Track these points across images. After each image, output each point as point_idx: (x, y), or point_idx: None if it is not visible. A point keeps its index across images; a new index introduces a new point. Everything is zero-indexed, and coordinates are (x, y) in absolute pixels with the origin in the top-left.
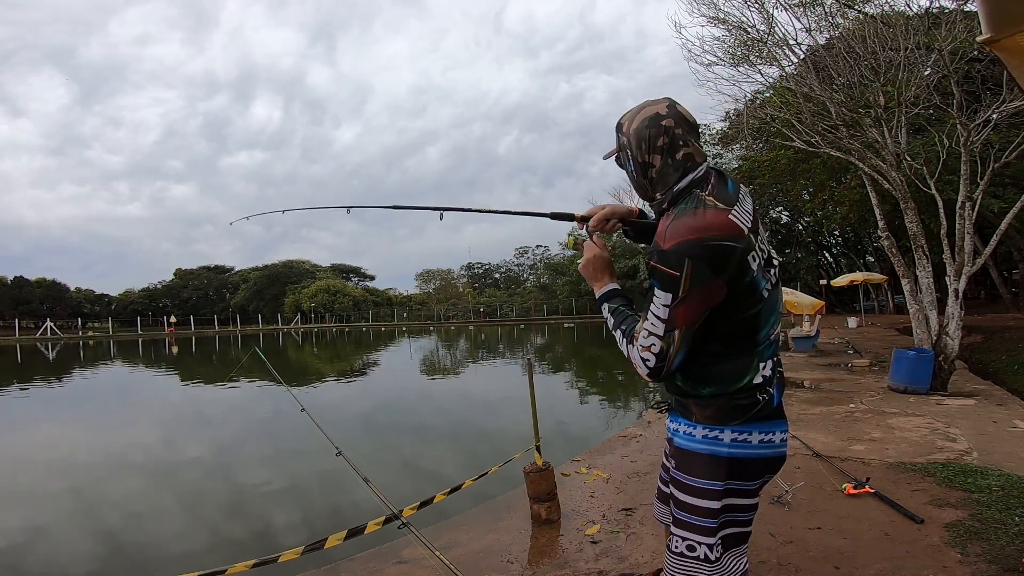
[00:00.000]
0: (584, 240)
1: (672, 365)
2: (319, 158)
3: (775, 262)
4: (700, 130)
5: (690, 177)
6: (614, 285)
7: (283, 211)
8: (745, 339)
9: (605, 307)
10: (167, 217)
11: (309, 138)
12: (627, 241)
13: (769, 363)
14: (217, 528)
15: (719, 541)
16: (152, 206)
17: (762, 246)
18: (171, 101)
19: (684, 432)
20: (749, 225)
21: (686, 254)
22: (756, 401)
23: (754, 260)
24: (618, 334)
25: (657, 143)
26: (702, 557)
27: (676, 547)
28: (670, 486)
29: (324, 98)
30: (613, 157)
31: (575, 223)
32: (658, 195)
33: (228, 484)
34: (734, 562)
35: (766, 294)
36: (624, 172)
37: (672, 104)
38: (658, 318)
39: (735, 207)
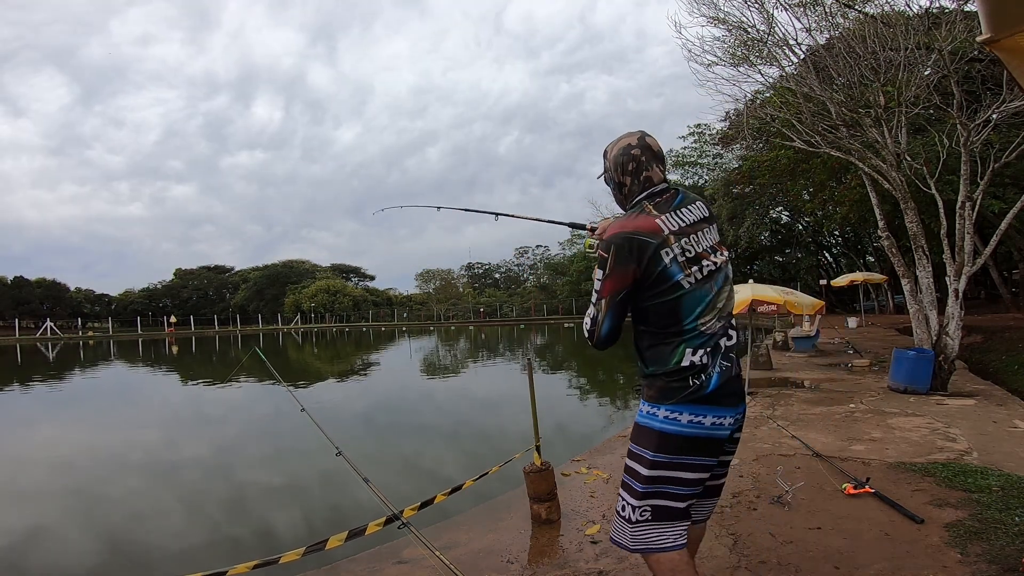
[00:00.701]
0: (594, 244)
1: (602, 330)
2: (319, 158)
3: (707, 264)
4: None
5: (646, 192)
6: None
7: (439, 207)
8: (670, 324)
9: None
10: (167, 217)
11: (309, 138)
12: None
13: (701, 351)
14: (218, 528)
15: (647, 507)
16: (152, 206)
17: (687, 247)
18: (172, 101)
19: (639, 409)
20: (674, 229)
21: (612, 241)
22: (687, 384)
23: (667, 255)
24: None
25: (628, 167)
26: (626, 517)
27: (617, 505)
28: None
29: (325, 98)
30: (603, 177)
31: (588, 232)
32: (627, 207)
33: (229, 484)
34: (656, 533)
35: (687, 286)
36: (608, 189)
37: (642, 136)
38: (595, 291)
39: (666, 214)
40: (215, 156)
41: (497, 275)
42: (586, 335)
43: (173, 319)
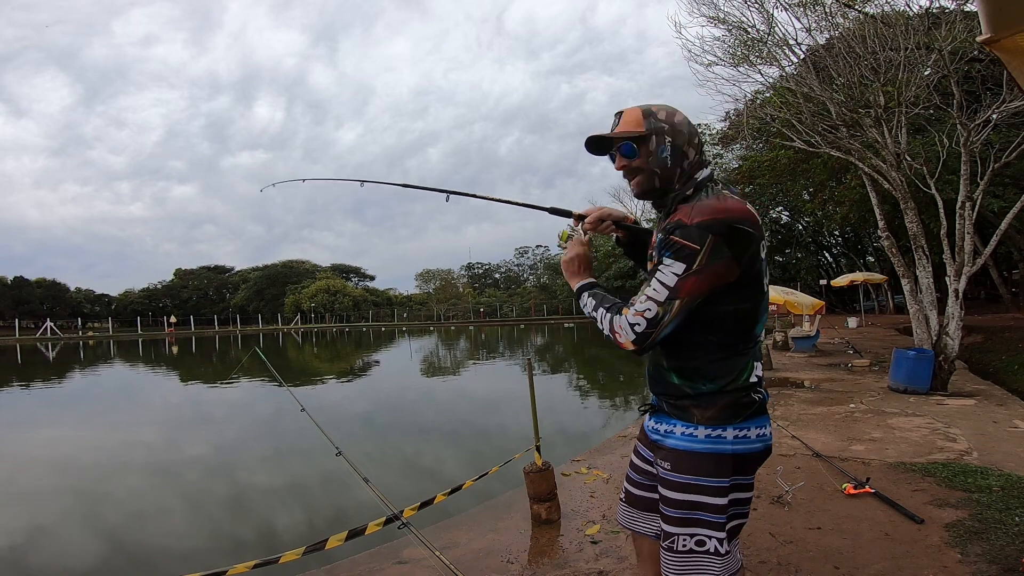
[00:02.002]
0: (575, 234)
1: (660, 334)
2: (320, 158)
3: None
4: (700, 131)
5: (707, 172)
6: (594, 279)
7: (303, 180)
8: (745, 332)
9: (585, 295)
10: (169, 217)
11: (311, 139)
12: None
13: (759, 364)
14: (219, 527)
15: (726, 534)
16: (154, 206)
17: (765, 242)
18: (174, 102)
19: (683, 434)
20: (759, 219)
21: (710, 230)
22: (754, 400)
23: (763, 249)
24: (601, 311)
25: (695, 140)
26: (712, 551)
27: (683, 545)
28: (664, 488)
29: (326, 99)
30: (618, 144)
31: (571, 221)
32: (678, 185)
33: (229, 484)
34: (736, 551)
35: (766, 288)
36: (623, 159)
37: None
38: (663, 284)
39: (747, 202)
40: (217, 156)
41: (497, 275)
42: (629, 336)
43: (173, 319)
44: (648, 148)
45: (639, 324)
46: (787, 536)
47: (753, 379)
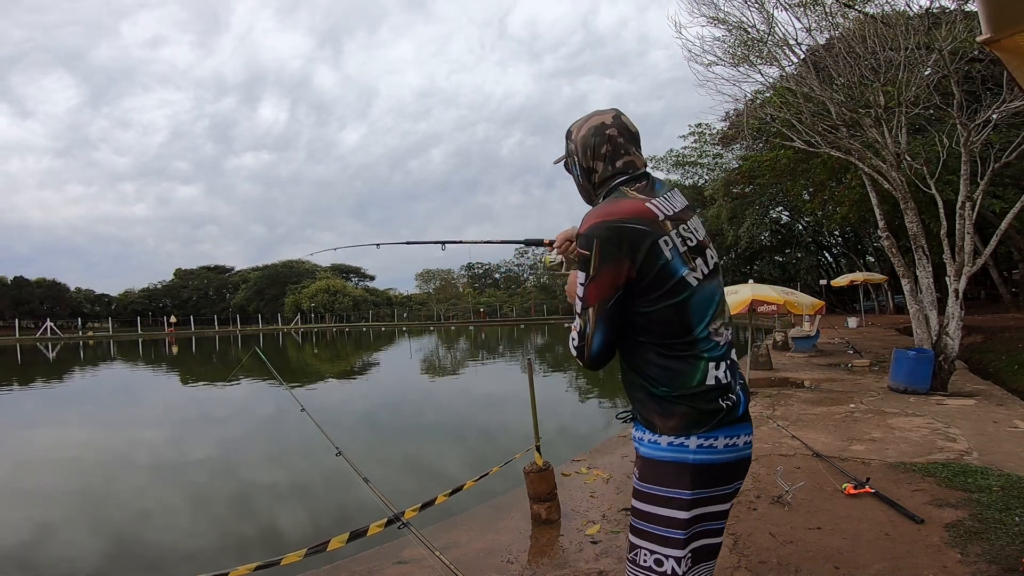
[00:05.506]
0: (555, 261)
1: (592, 345)
2: (324, 159)
3: (710, 254)
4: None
5: (624, 178)
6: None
7: (378, 245)
8: (680, 333)
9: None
10: (172, 218)
11: (314, 140)
12: None
13: (723, 365)
14: (219, 527)
15: (689, 554)
16: (158, 207)
17: (686, 234)
18: (179, 103)
19: (649, 441)
20: (668, 213)
21: (594, 235)
22: (720, 407)
23: (667, 244)
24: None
25: (601, 150)
26: (669, 572)
27: (644, 560)
28: (632, 497)
29: (330, 100)
30: (563, 163)
31: (545, 249)
32: (597, 199)
33: (230, 484)
34: None
35: (693, 282)
36: (571, 177)
37: (618, 115)
38: (579, 298)
39: (655, 199)
40: (221, 157)
41: (497, 275)
42: (573, 352)
43: (173, 319)
44: (570, 167)
45: (574, 339)
46: (787, 536)
47: (711, 382)
